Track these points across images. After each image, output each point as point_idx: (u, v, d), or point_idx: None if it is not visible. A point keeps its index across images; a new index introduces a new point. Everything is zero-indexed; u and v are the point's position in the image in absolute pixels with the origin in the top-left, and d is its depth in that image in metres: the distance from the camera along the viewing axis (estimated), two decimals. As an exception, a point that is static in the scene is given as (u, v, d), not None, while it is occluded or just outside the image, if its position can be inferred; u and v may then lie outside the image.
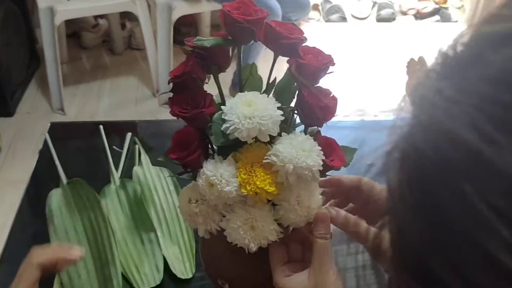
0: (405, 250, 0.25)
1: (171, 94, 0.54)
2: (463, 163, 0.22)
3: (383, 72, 2.61)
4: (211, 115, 0.52)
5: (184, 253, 0.79)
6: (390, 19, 3.19)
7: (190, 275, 0.76)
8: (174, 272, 0.76)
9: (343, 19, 3.18)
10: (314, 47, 0.54)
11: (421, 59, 2.22)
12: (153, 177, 0.89)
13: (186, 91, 0.53)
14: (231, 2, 0.52)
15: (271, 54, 0.56)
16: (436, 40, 2.96)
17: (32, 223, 0.86)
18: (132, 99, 2.41)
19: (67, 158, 0.95)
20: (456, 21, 3.20)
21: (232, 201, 0.52)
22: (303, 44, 0.54)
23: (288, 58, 0.54)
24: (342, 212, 0.54)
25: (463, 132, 0.22)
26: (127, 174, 0.91)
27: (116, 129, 1.07)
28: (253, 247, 0.53)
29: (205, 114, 0.52)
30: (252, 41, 0.54)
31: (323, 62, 0.52)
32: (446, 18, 3.21)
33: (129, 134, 0.99)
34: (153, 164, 0.92)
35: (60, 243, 0.62)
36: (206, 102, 0.52)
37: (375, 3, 3.29)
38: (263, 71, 0.57)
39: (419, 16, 3.24)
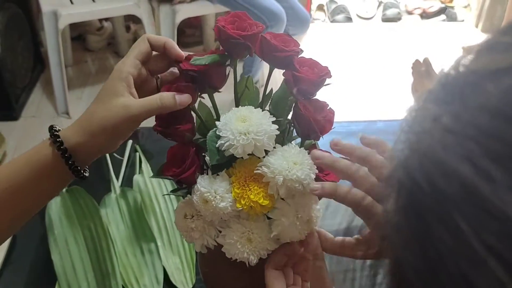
0: (401, 281, 0.25)
1: None
2: (458, 198, 0.21)
3: (389, 72, 2.59)
4: (188, 130, 0.52)
5: (185, 263, 0.79)
6: (395, 19, 3.17)
7: (191, 285, 0.76)
8: (174, 283, 0.75)
9: (349, 19, 3.17)
10: (311, 59, 0.53)
11: (426, 60, 2.20)
12: (153, 185, 0.88)
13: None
14: (226, 16, 0.52)
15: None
16: (442, 40, 2.94)
17: (33, 232, 0.86)
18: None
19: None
20: (463, 20, 3.17)
21: (227, 217, 0.51)
22: (299, 56, 0.53)
23: (284, 71, 0.54)
24: (338, 239, 0.53)
25: (458, 164, 0.21)
26: (127, 182, 0.91)
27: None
28: (253, 260, 0.52)
29: (181, 130, 0.52)
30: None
31: (319, 75, 0.51)
32: (452, 18, 3.19)
33: (130, 142, 0.99)
34: (154, 172, 0.91)
35: None
36: (184, 119, 0.52)
37: (380, 2, 3.27)
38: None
39: (425, 15, 3.22)
